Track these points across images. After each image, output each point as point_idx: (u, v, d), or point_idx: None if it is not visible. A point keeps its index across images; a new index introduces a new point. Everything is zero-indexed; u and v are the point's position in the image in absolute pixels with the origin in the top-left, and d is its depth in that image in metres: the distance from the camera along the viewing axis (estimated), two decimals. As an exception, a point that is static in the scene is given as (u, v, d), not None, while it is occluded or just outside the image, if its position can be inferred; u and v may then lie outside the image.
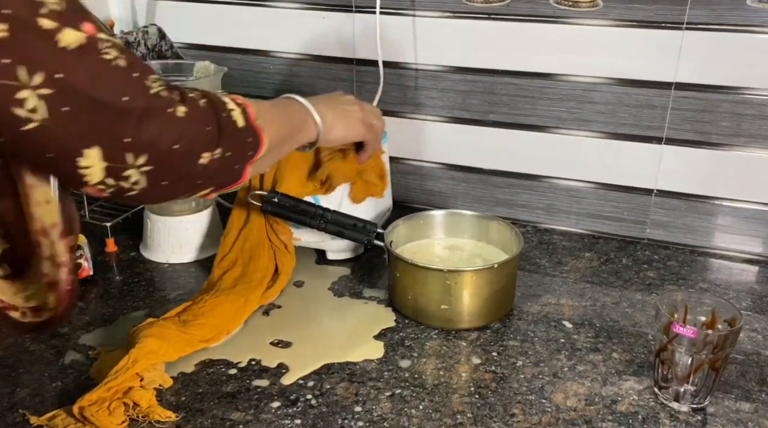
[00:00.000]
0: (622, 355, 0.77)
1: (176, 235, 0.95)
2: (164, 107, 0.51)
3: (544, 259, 0.99)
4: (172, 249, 0.95)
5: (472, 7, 1.01)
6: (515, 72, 1.02)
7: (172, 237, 0.95)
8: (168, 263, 0.95)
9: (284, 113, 0.71)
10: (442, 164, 1.12)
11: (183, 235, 0.95)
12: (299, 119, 0.73)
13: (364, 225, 0.87)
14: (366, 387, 0.71)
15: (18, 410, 0.67)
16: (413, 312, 0.82)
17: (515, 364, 0.75)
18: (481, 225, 0.92)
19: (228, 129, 0.57)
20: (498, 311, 0.83)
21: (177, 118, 0.52)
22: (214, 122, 0.55)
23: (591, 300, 0.88)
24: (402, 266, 0.82)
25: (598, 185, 1.04)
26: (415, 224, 0.92)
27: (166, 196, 0.58)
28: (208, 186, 0.58)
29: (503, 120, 1.05)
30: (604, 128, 1.01)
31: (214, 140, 0.55)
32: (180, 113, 0.52)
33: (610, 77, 0.98)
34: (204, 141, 0.54)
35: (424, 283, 0.80)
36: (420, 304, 0.81)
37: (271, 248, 0.89)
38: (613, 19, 0.95)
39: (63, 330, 0.80)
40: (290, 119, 0.71)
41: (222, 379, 0.72)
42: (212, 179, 0.57)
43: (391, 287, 0.85)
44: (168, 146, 0.51)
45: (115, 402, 0.66)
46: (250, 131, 0.59)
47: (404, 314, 0.83)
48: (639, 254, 1.01)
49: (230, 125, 0.57)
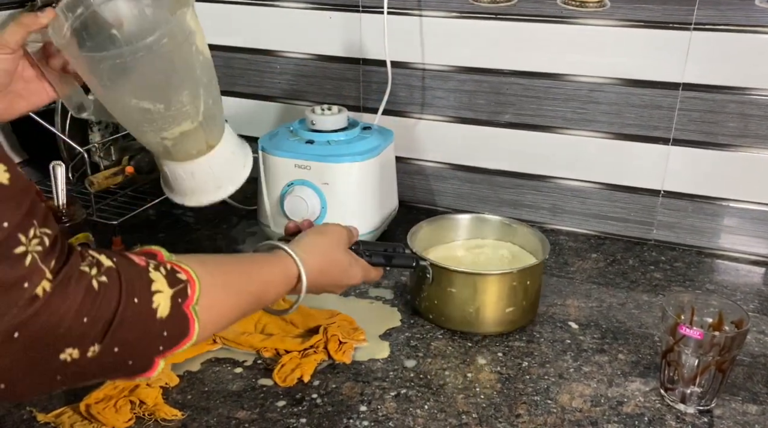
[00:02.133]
0: (628, 356, 0.77)
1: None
2: (18, 281, 0.39)
3: (550, 260, 0.99)
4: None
5: (479, 7, 1.01)
6: (521, 72, 1.02)
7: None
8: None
9: (252, 281, 0.58)
10: (447, 164, 1.12)
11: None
12: (278, 282, 0.61)
13: (395, 249, 0.79)
14: (371, 386, 0.71)
15: (25, 407, 0.67)
16: (458, 322, 0.81)
17: (521, 365, 0.75)
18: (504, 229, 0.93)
19: (131, 320, 0.44)
20: (529, 315, 0.83)
21: (32, 296, 0.39)
22: (104, 310, 0.42)
23: (597, 301, 0.88)
24: (456, 278, 0.79)
25: (604, 186, 1.04)
26: (437, 226, 0.93)
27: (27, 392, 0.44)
28: (82, 381, 0.45)
29: (509, 120, 1.05)
30: (610, 128, 1.00)
31: (92, 336, 0.42)
32: (39, 290, 0.39)
33: (617, 77, 0.97)
34: (71, 335, 0.41)
35: (483, 291, 0.79)
36: (468, 315, 0.80)
37: None
38: (620, 20, 0.94)
39: (70, 328, 0.80)
40: (260, 287, 0.59)
41: (228, 378, 0.72)
42: (85, 376, 0.44)
43: (427, 297, 0.82)
44: (7, 329, 0.39)
45: (122, 400, 0.66)
46: (175, 320, 0.47)
47: (441, 325, 0.82)
48: (645, 255, 1.00)
49: (140, 315, 0.45)
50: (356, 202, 0.94)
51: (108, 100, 0.70)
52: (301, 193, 0.93)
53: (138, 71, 0.66)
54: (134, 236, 1.01)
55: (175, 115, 0.71)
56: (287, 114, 1.19)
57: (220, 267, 0.55)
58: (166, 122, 0.71)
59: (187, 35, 0.68)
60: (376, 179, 0.96)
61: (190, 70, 0.71)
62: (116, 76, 0.66)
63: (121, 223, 1.00)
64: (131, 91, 0.68)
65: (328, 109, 0.98)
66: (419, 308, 0.84)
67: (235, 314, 0.56)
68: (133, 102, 0.69)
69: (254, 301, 0.58)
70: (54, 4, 0.64)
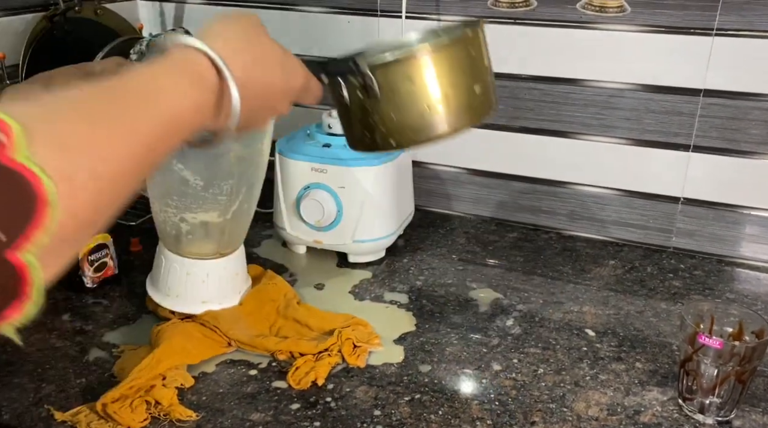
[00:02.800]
0: (645, 365, 0.76)
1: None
2: None
3: (567, 266, 0.98)
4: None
5: (498, 12, 1.00)
6: (540, 77, 1.01)
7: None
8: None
9: (140, 102, 0.38)
10: (464, 169, 1.11)
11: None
12: (186, 96, 0.41)
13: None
14: (385, 391, 0.71)
15: (44, 405, 0.68)
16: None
17: (536, 371, 0.75)
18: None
19: None
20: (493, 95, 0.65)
21: None
22: None
23: (614, 309, 0.87)
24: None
25: (622, 192, 1.03)
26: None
27: None
28: None
29: (527, 125, 1.05)
30: (630, 134, 1.00)
31: None
32: None
33: (637, 83, 0.97)
34: None
35: (447, 68, 0.59)
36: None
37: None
38: (641, 25, 0.94)
39: (87, 328, 0.81)
40: (157, 109, 0.39)
41: (242, 380, 0.72)
42: None
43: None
44: None
45: (138, 399, 0.67)
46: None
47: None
48: (664, 262, 0.99)
49: None
50: (372, 206, 0.94)
51: None
52: (317, 196, 0.93)
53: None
54: (151, 236, 1.02)
55: (208, 199, 0.68)
56: (305, 117, 1.19)
57: (71, 99, 0.35)
58: (195, 203, 0.69)
59: (257, 131, 0.66)
60: (393, 184, 0.96)
61: (245, 164, 0.68)
62: None
63: (139, 224, 1.01)
64: (179, 154, 0.64)
65: (346, 112, 0.98)
66: (362, 140, 0.62)
67: (124, 155, 0.35)
68: (177, 166, 0.66)
69: (152, 132, 0.38)
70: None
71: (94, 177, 0.33)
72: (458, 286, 0.92)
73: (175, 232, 0.72)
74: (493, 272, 0.96)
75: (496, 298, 0.89)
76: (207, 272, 0.76)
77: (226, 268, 0.76)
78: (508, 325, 0.83)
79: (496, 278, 0.94)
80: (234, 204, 0.70)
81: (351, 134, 0.63)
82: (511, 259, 1.00)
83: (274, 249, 1.01)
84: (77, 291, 0.88)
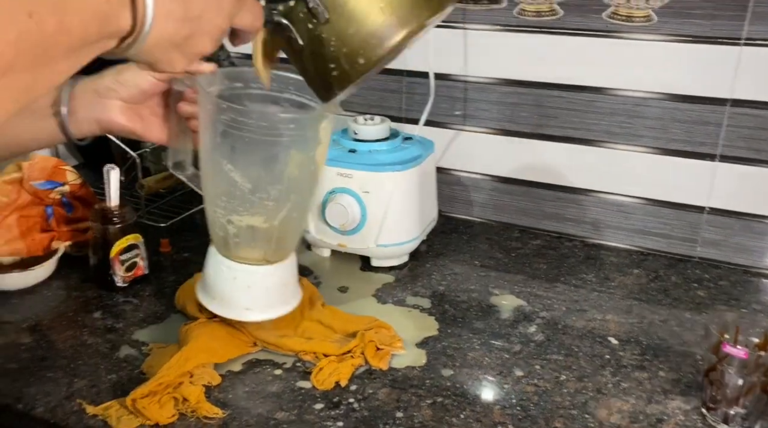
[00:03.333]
0: (668, 374, 0.76)
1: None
2: None
3: (590, 274, 0.98)
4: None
5: (524, 21, 1.01)
6: (565, 85, 1.02)
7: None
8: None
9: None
10: (488, 175, 1.12)
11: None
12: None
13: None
14: (407, 393, 0.72)
15: (75, 399, 0.70)
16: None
17: (558, 378, 0.75)
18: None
19: None
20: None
21: None
22: None
23: (638, 317, 0.87)
24: None
25: (647, 201, 1.03)
26: None
27: None
28: None
29: (552, 133, 1.05)
30: (655, 143, 0.99)
31: None
32: None
33: (663, 92, 0.96)
34: None
35: None
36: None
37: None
38: (667, 34, 0.94)
39: (118, 326, 0.83)
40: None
41: (267, 379, 0.74)
42: None
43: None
44: None
45: (166, 396, 0.69)
46: None
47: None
48: (689, 272, 0.99)
49: None
50: (396, 211, 0.95)
51: (206, 155, 0.69)
52: (342, 200, 0.94)
53: (251, 144, 0.65)
54: (181, 238, 1.04)
55: (255, 203, 0.68)
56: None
57: None
58: (243, 206, 0.69)
59: (312, 140, 0.67)
60: (416, 189, 0.97)
61: (295, 171, 0.68)
62: (228, 137, 0.65)
63: (169, 225, 1.03)
64: (230, 156, 0.66)
65: (371, 119, 1.00)
66: (331, 78, 0.57)
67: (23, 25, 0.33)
68: (227, 167, 0.67)
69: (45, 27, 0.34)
70: (220, 62, 0.63)
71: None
72: (480, 292, 0.92)
73: (222, 234, 0.72)
74: (516, 279, 0.96)
75: (518, 305, 0.89)
76: (253, 279, 0.74)
77: (273, 277, 0.75)
78: (530, 332, 0.83)
79: (519, 285, 0.95)
80: (282, 211, 0.70)
81: (318, 80, 0.59)
82: (534, 266, 1.00)
83: (299, 251, 1.03)
84: (108, 290, 0.90)
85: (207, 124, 0.67)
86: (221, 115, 0.65)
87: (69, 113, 0.64)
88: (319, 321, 0.82)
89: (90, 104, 0.65)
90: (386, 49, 0.55)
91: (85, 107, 0.65)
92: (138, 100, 0.66)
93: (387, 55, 0.55)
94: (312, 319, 0.83)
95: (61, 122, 0.64)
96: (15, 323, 0.84)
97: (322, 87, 0.59)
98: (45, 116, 0.65)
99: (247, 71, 0.69)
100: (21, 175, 0.94)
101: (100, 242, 0.88)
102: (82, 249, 0.95)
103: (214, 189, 0.71)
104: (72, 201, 0.97)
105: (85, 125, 0.65)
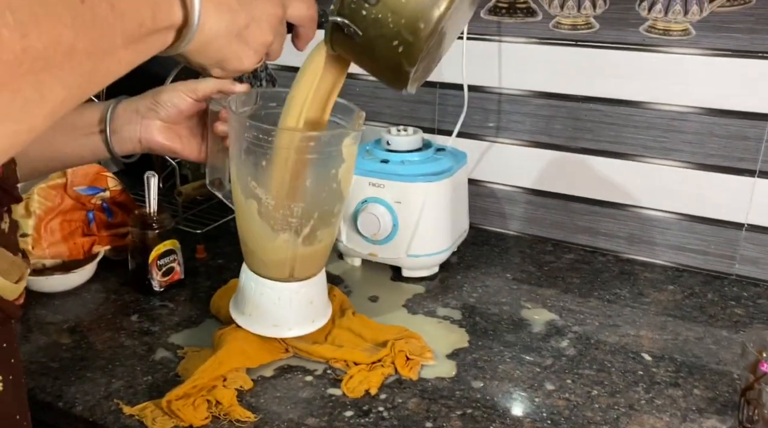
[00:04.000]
0: (704, 392, 0.74)
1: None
2: None
3: (624, 289, 0.97)
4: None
5: (559, 34, 1.01)
6: (601, 99, 1.01)
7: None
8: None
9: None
10: (521, 187, 1.12)
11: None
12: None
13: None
14: (437, 404, 0.72)
15: (113, 399, 0.72)
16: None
17: (590, 393, 0.74)
18: None
19: None
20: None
21: None
22: None
23: (672, 334, 0.86)
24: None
25: (683, 217, 1.01)
26: None
27: None
28: None
29: (587, 146, 1.05)
30: (692, 158, 0.98)
31: None
32: None
33: (700, 107, 0.95)
34: None
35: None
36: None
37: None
38: (706, 48, 0.93)
39: (154, 329, 0.85)
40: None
41: (299, 385, 0.75)
42: None
43: None
44: None
45: (200, 398, 0.70)
46: None
47: None
48: (726, 289, 0.97)
49: None
50: (427, 222, 0.95)
51: (234, 172, 0.71)
52: (375, 210, 0.95)
53: (272, 162, 0.67)
54: (216, 244, 1.06)
55: (278, 219, 0.69)
56: (364, 134, 1.22)
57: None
58: (268, 222, 0.70)
59: (334, 158, 0.69)
60: (448, 200, 0.98)
61: (316, 189, 0.70)
62: (251, 154, 0.67)
63: (204, 232, 1.05)
64: (254, 173, 0.69)
65: (404, 130, 1.00)
66: (399, 57, 0.58)
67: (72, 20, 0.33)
68: (251, 184, 0.69)
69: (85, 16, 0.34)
70: (253, 83, 0.66)
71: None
72: (512, 305, 0.92)
73: (250, 249, 0.74)
74: (549, 292, 0.96)
75: (551, 319, 0.89)
76: (279, 295, 0.75)
77: (299, 293, 0.76)
78: (562, 346, 0.83)
79: (551, 298, 0.94)
80: (305, 228, 0.71)
81: (387, 66, 0.59)
82: (567, 280, 0.99)
83: (331, 260, 1.04)
84: (146, 294, 0.92)
85: (234, 141, 0.69)
86: (245, 132, 0.67)
87: (112, 131, 0.67)
88: (349, 329, 0.83)
89: (131, 124, 0.68)
90: (442, 6, 0.55)
91: (127, 126, 0.68)
92: (176, 121, 0.69)
93: (445, 13, 0.56)
94: (342, 327, 0.83)
95: (105, 139, 0.67)
96: (57, 323, 0.86)
97: (392, 72, 0.60)
98: (88, 133, 0.68)
99: (282, 91, 0.71)
100: (65, 180, 0.97)
101: (138, 246, 0.91)
102: (121, 253, 0.98)
103: (241, 205, 0.73)
104: (112, 207, 1.00)
105: (128, 143, 0.68)
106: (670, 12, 0.93)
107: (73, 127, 0.68)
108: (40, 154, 0.66)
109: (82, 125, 0.68)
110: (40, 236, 0.92)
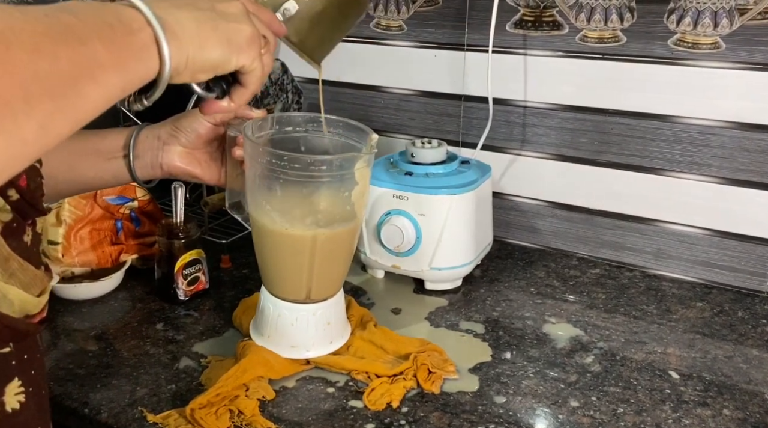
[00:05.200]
0: (734, 412, 0.73)
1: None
2: None
3: (651, 306, 0.95)
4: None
5: (585, 47, 1.01)
6: (627, 112, 1.01)
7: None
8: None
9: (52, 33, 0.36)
10: (545, 201, 1.11)
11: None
12: (96, 35, 0.38)
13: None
14: (459, 419, 0.71)
15: (137, 407, 0.72)
16: None
17: (615, 411, 0.73)
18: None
19: None
20: None
21: None
22: None
23: (701, 352, 0.84)
24: None
25: (712, 232, 0.99)
26: None
27: None
28: None
29: (613, 160, 1.04)
30: (721, 172, 0.96)
31: None
32: None
33: (729, 121, 0.94)
34: None
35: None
36: None
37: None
38: (735, 62, 0.91)
39: (179, 338, 0.86)
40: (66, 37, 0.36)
41: (320, 396, 0.75)
42: None
43: None
44: None
45: (222, 407, 0.70)
46: None
47: None
48: (757, 307, 0.95)
49: None
50: (451, 234, 0.95)
51: (250, 195, 0.73)
52: (398, 222, 0.95)
53: (287, 185, 0.69)
54: (240, 254, 1.07)
55: (294, 242, 0.71)
56: (388, 146, 1.23)
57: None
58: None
59: (346, 181, 0.71)
60: (472, 213, 0.97)
61: (330, 211, 0.71)
62: (265, 178, 0.70)
63: (229, 242, 1.06)
64: (268, 195, 0.71)
65: (428, 142, 1.01)
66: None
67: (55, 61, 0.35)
68: (266, 207, 0.71)
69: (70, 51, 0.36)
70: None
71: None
72: (536, 320, 0.91)
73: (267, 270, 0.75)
74: (573, 307, 0.95)
75: (575, 334, 0.88)
76: (296, 317, 0.76)
77: (316, 315, 0.77)
78: (587, 362, 0.82)
79: (576, 314, 0.93)
80: (320, 250, 0.72)
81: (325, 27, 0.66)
82: (592, 295, 0.98)
83: (353, 272, 1.04)
84: (171, 303, 0.93)
85: (249, 165, 0.71)
86: (259, 157, 0.69)
87: (135, 157, 0.70)
88: (371, 341, 0.83)
89: (153, 149, 0.70)
90: None
91: (149, 152, 0.70)
92: (196, 145, 0.71)
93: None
94: (364, 339, 0.83)
95: (128, 164, 0.70)
96: (84, 331, 0.88)
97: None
98: (111, 158, 0.70)
99: (297, 116, 0.75)
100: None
101: (165, 256, 0.92)
102: (147, 262, 1.00)
103: (258, 228, 0.74)
104: (140, 216, 1.02)
105: (149, 168, 0.71)
106: (699, 25, 0.92)
107: (97, 151, 0.70)
108: (64, 177, 0.69)
109: (105, 150, 0.70)
110: (69, 245, 0.94)
